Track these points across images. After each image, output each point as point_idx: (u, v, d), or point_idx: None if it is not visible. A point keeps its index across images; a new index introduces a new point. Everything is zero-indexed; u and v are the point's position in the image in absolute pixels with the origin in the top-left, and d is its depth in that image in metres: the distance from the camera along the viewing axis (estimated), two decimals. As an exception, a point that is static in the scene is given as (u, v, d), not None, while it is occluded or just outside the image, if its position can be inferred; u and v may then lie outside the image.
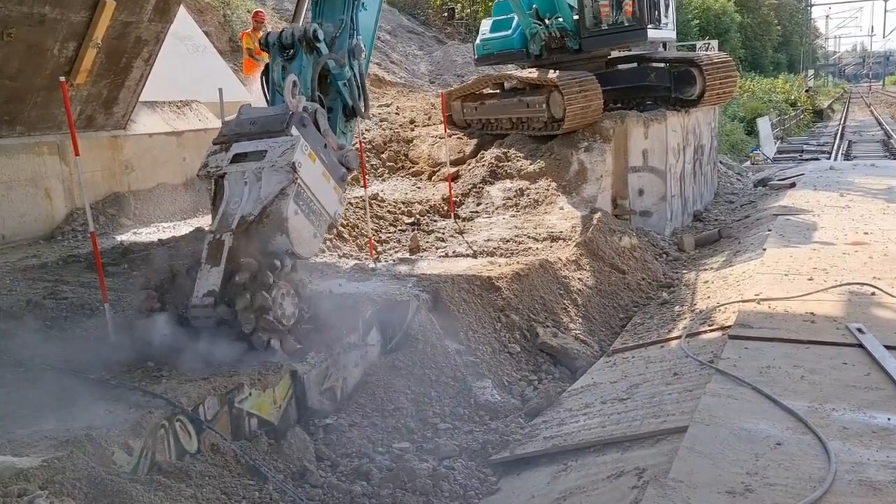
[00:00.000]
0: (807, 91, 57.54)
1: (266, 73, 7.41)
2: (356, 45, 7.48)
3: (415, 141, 15.47)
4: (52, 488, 4.03)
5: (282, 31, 7.16)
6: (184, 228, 10.44)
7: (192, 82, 14.23)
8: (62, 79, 7.25)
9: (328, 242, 9.86)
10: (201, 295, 5.98)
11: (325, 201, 6.61)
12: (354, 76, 7.53)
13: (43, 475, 4.08)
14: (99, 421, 4.82)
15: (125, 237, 10.51)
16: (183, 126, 13.20)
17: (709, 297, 9.16)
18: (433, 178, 13.91)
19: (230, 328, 6.00)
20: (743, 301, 8.10)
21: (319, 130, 6.72)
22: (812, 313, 7.39)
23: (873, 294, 7.88)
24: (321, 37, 7.09)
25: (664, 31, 14.95)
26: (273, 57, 7.23)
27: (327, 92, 7.43)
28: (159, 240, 9.87)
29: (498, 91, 14.66)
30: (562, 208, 11.68)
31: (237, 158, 6.40)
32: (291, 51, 7.12)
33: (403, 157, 15.16)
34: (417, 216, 11.95)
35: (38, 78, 10.12)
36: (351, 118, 7.76)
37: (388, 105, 18.06)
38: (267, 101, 7.38)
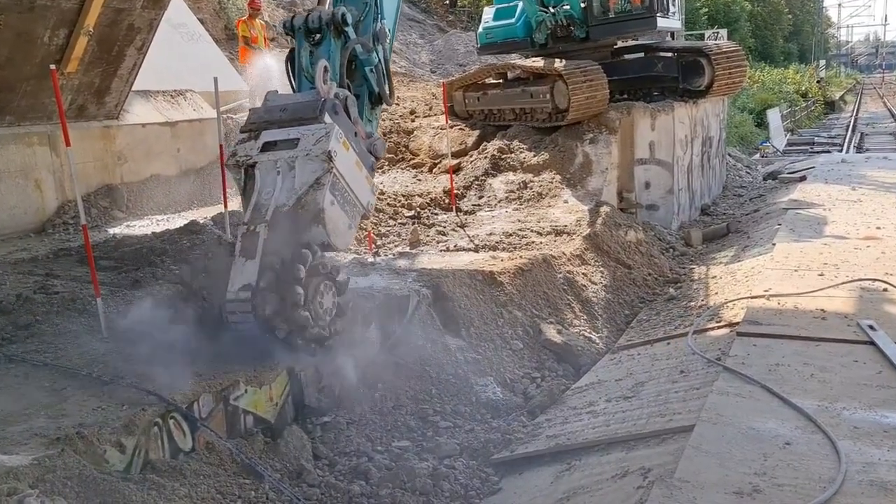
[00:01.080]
0: (818, 82, 57.43)
1: (291, 57, 7.35)
2: (381, 29, 7.47)
3: (415, 132, 15.45)
4: (43, 487, 4.04)
5: (308, 15, 7.04)
6: (178, 221, 10.44)
7: (186, 71, 14.23)
8: (53, 67, 7.22)
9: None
10: (237, 289, 5.85)
11: (359, 191, 6.58)
12: (380, 62, 7.54)
13: (33, 474, 4.09)
14: (91, 418, 4.83)
15: (118, 230, 10.52)
16: (177, 116, 13.19)
17: (717, 293, 9.16)
18: (434, 171, 13.90)
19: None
20: (752, 297, 8.10)
21: (350, 118, 6.70)
22: (823, 310, 7.39)
23: (885, 290, 7.88)
24: (350, 20, 7.02)
25: (672, 20, 14.93)
26: (299, 41, 7.13)
27: (353, 78, 7.42)
28: (153, 233, 9.86)
29: (501, 81, 14.64)
30: (566, 202, 11.67)
31: (267, 147, 6.35)
32: (318, 35, 7.03)
33: (404, 149, 15.14)
34: (418, 209, 11.94)
35: (28, 66, 10.11)
36: (377, 105, 7.76)
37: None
38: (292, 87, 7.33)
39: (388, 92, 7.71)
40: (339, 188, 6.30)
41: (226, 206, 8.85)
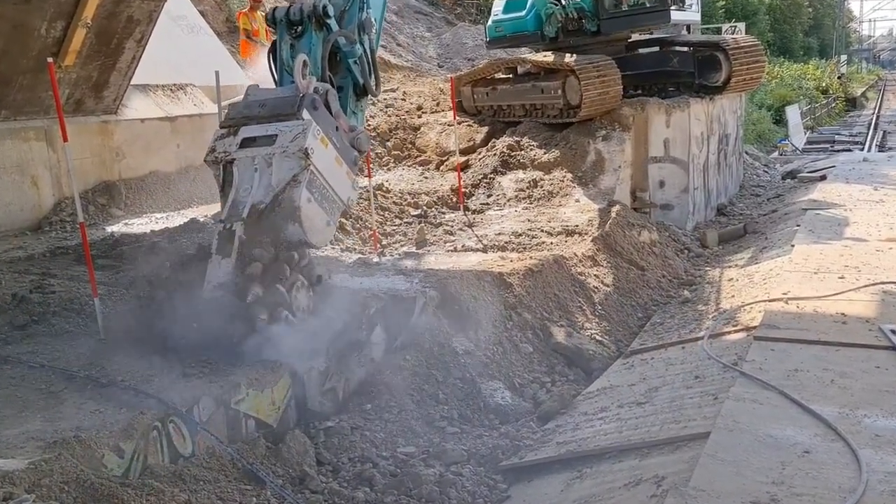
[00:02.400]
0: (839, 77, 57.28)
1: (273, 51, 7.42)
2: (366, 19, 7.50)
3: (422, 128, 15.46)
4: (40, 492, 4.06)
5: (289, 7, 7.13)
6: (178, 219, 10.46)
7: (186, 65, 14.24)
8: (50, 60, 7.24)
9: (330, 235, 9.87)
10: (212, 287, 5.99)
11: (338, 187, 6.66)
12: (365, 53, 7.56)
13: (29, 478, 4.11)
14: (88, 421, 4.86)
15: (116, 228, 10.54)
16: (177, 111, 13.22)
17: (733, 296, 9.15)
18: (441, 168, 13.91)
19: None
20: (769, 300, 8.09)
21: (331, 112, 6.76)
22: (843, 314, 7.38)
23: (908, 294, 7.86)
24: (331, 12, 7.08)
25: (688, 14, 14.98)
26: (280, 34, 7.22)
27: (337, 70, 7.45)
28: (152, 231, 9.89)
29: (511, 76, 14.65)
30: (577, 201, 11.67)
31: (246, 143, 6.43)
32: (300, 27, 7.11)
33: (410, 146, 15.16)
34: (424, 208, 11.95)
35: (25, 59, 10.14)
36: (362, 97, 7.80)
37: (394, 90, 18.04)
38: (275, 81, 7.38)
39: (373, 84, 7.75)
40: (316, 185, 6.37)
41: (227, 204, 8.86)
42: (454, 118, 13.39)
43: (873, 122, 40.30)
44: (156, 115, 12.83)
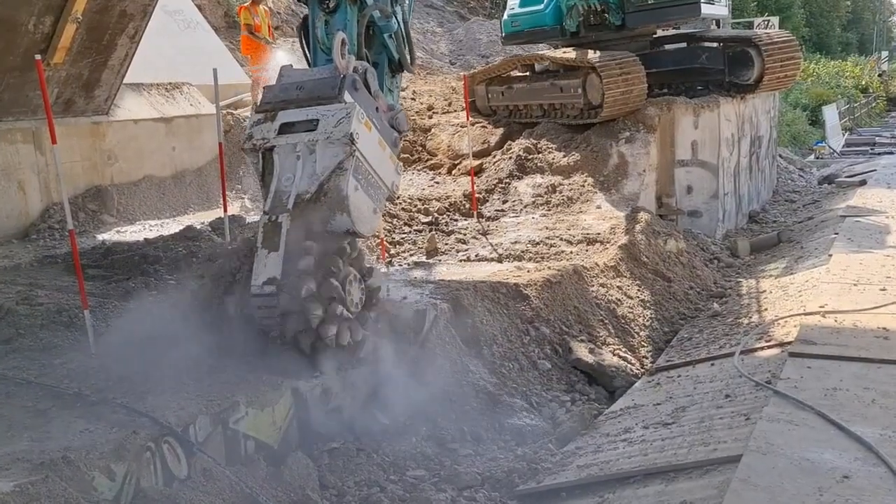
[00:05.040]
0: (879, 75, 57.02)
1: (304, 28, 7.49)
2: None
3: (433, 130, 15.49)
4: (26, 516, 4.07)
5: None
6: (173, 226, 10.53)
7: (183, 62, 14.34)
8: (38, 57, 7.29)
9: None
10: (261, 283, 6.06)
11: (383, 172, 6.74)
12: (399, 26, 7.63)
13: (15, 501, 4.12)
14: (77, 441, 4.86)
15: (107, 236, 10.61)
16: (172, 111, 13.30)
17: (766, 309, 9.12)
18: (454, 172, 13.93)
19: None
20: (805, 314, 8.07)
21: (370, 92, 6.83)
22: (885, 328, 7.35)
23: (955, 307, 7.82)
24: None
25: (717, 7, 14.89)
26: (312, 10, 7.24)
27: (371, 45, 7.52)
28: (145, 239, 9.94)
29: (528, 74, 14.65)
30: (599, 207, 11.66)
31: (284, 129, 6.50)
32: (332, 2, 7.12)
33: (420, 148, 15.19)
34: (435, 215, 11.97)
35: (11, 57, 10.21)
36: (397, 73, 7.88)
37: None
38: (307, 60, 7.45)
39: (409, 58, 7.83)
40: (362, 171, 6.45)
41: (225, 211, 8.91)
42: (467, 119, 13.41)
43: (917, 122, 40.16)
44: (150, 116, 12.91)
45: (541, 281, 8.76)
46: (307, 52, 7.47)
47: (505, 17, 15.88)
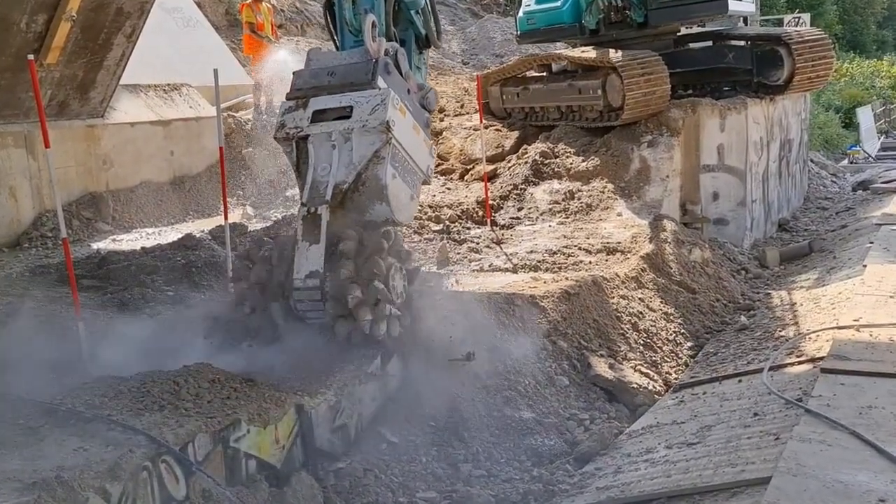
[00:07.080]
0: (918, 75, 56.92)
1: (329, 7, 7.64)
2: None
3: (445, 133, 15.52)
4: (17, 538, 4.09)
5: None
6: (171, 234, 10.57)
7: (181, 62, 14.42)
8: (30, 57, 7.36)
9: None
10: (303, 276, 6.25)
11: (418, 157, 6.92)
12: (426, 1, 7.73)
13: (6, 523, 4.14)
14: (71, 460, 4.87)
15: (102, 244, 10.65)
16: (171, 114, 13.36)
17: (797, 323, 9.10)
18: (466, 178, 13.95)
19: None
20: (838, 327, 8.05)
21: (401, 74, 6.95)
22: (923, 343, 7.32)
23: None
24: None
25: (745, 4, 14.89)
26: None
27: (397, 22, 7.62)
28: (142, 248, 9.98)
29: (544, 74, 14.67)
30: (620, 214, 11.66)
31: (317, 116, 6.63)
32: None
33: (431, 153, 15.21)
34: (447, 223, 11.99)
35: (2, 57, 10.26)
36: (424, 49, 8.00)
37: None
38: (335, 43, 7.59)
39: (435, 33, 7.94)
40: (398, 158, 6.62)
41: (226, 218, 8.94)
42: (480, 122, 13.44)
43: (957, 125, 40.00)
44: (147, 119, 12.96)
45: (558, 292, 8.76)
46: (334, 33, 7.62)
47: (520, 14, 15.88)
